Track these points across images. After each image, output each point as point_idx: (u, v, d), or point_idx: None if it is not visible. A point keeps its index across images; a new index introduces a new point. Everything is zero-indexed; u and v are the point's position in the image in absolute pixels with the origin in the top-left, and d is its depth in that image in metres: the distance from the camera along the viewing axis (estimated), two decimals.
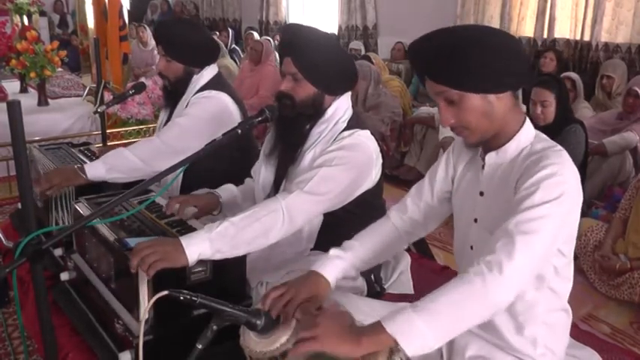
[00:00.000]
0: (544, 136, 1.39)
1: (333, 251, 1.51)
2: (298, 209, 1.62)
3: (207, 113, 2.27)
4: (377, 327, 1.14)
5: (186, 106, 2.34)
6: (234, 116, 2.35)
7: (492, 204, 1.37)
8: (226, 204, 1.96)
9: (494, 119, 1.32)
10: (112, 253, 1.57)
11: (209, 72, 2.39)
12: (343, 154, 1.71)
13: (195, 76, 2.37)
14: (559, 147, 1.33)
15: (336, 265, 1.48)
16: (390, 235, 1.60)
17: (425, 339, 1.12)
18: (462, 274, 1.19)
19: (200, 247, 1.46)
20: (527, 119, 1.38)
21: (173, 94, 2.41)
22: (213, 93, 2.33)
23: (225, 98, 2.35)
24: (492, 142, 1.36)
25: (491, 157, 1.38)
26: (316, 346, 1.14)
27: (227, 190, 2.01)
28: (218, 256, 1.50)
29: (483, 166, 1.40)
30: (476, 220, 1.43)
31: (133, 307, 1.48)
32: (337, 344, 1.14)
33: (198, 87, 2.35)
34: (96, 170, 2.10)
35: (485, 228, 1.38)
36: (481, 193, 1.41)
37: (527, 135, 1.36)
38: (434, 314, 1.13)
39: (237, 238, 1.52)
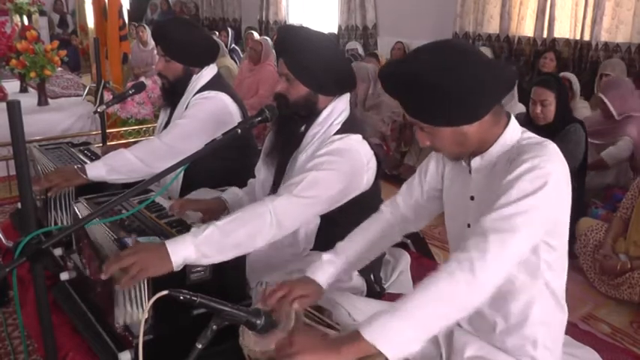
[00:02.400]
0: (531, 134, 1.36)
1: (325, 256, 1.53)
2: (287, 212, 1.61)
3: (207, 114, 2.27)
4: (355, 335, 1.14)
5: (187, 107, 2.34)
6: (234, 116, 2.35)
7: (484, 208, 1.36)
8: (233, 208, 1.96)
9: (471, 144, 1.32)
10: (98, 257, 1.55)
11: (208, 72, 2.39)
12: (332, 159, 1.71)
13: (194, 77, 2.37)
14: (547, 141, 1.30)
15: (327, 271, 1.51)
16: (383, 231, 1.61)
17: (401, 341, 1.12)
18: (434, 273, 1.18)
19: (185, 252, 1.44)
20: (512, 119, 1.35)
21: (172, 93, 2.41)
22: (213, 93, 2.33)
23: (224, 98, 2.35)
24: (475, 149, 1.35)
25: (476, 162, 1.37)
26: None
27: (233, 194, 2.02)
28: (205, 261, 1.48)
29: (470, 171, 1.39)
30: (469, 225, 1.42)
31: (109, 313, 1.46)
32: (316, 358, 1.13)
33: (197, 87, 2.35)
34: (96, 171, 2.11)
35: None
36: (472, 198, 1.41)
37: (512, 135, 1.33)
38: (409, 317, 1.13)
39: (223, 242, 1.50)
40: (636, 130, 3.73)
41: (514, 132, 1.34)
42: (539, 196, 1.19)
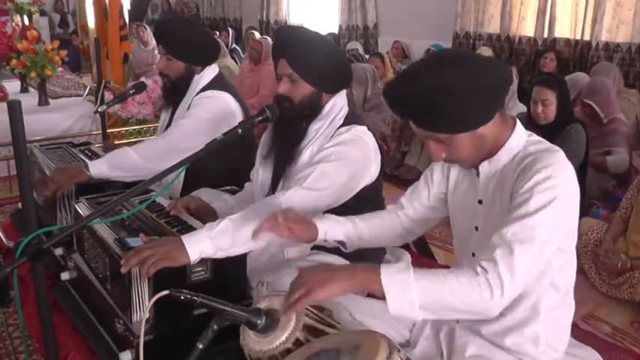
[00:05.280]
0: (537, 137, 1.38)
1: (332, 215, 1.56)
2: (298, 205, 1.62)
3: (209, 113, 2.27)
4: (374, 274, 1.18)
5: (189, 106, 2.34)
6: (237, 116, 2.35)
7: (492, 212, 1.37)
8: (222, 215, 1.96)
9: (487, 144, 1.33)
10: (107, 254, 1.57)
11: (210, 72, 2.39)
12: (341, 150, 1.72)
13: (196, 76, 2.37)
14: (554, 147, 1.32)
15: (332, 223, 1.53)
16: (391, 225, 1.63)
17: (410, 308, 1.16)
18: (470, 272, 1.19)
19: (201, 245, 1.46)
20: (518, 123, 1.37)
21: (173, 92, 2.41)
22: (216, 93, 2.33)
23: (227, 98, 2.35)
24: (488, 152, 1.36)
25: (484, 167, 1.38)
26: (309, 299, 1.18)
27: (223, 201, 2.01)
28: (220, 255, 1.50)
29: (478, 174, 1.40)
30: (477, 228, 1.43)
31: (126, 309, 1.48)
32: (329, 286, 1.17)
33: (199, 87, 2.35)
34: (99, 168, 2.11)
35: (487, 236, 1.37)
36: (480, 202, 1.41)
37: (519, 139, 1.35)
38: (430, 294, 1.16)
39: (237, 235, 1.52)
40: (623, 133, 3.76)
41: (521, 136, 1.35)
42: (556, 205, 1.22)
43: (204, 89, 2.35)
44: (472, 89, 1.22)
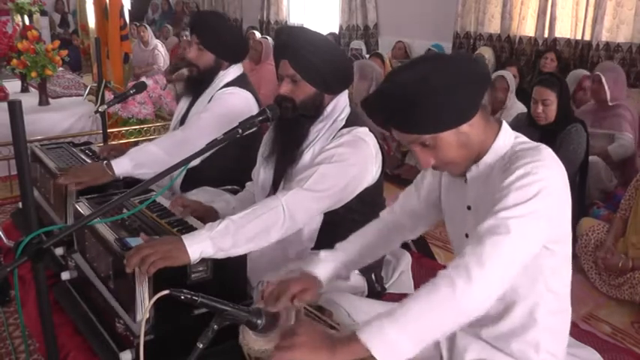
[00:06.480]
0: (525, 138, 1.36)
1: (323, 253, 1.54)
2: (298, 206, 1.62)
3: (230, 110, 2.28)
4: (352, 336, 1.13)
5: (210, 100, 2.35)
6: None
7: (479, 218, 1.34)
8: (224, 216, 1.96)
9: (473, 144, 1.30)
10: (110, 253, 1.57)
11: (235, 70, 2.41)
12: (342, 151, 1.72)
13: (221, 72, 2.39)
14: (541, 145, 1.30)
15: (326, 266, 1.51)
16: (381, 236, 1.62)
17: (396, 347, 1.09)
18: (432, 280, 1.16)
19: (202, 245, 1.46)
20: (504, 124, 1.35)
21: (198, 82, 2.41)
22: (237, 90, 2.35)
23: (248, 96, 2.38)
24: (477, 154, 1.34)
25: (472, 171, 1.36)
26: (292, 355, 1.13)
27: (225, 202, 2.01)
28: (220, 255, 1.50)
29: (466, 180, 1.38)
30: (467, 235, 1.41)
31: (130, 307, 1.48)
32: (312, 353, 1.12)
33: (223, 83, 2.37)
34: (123, 167, 2.11)
35: None
36: (468, 207, 1.40)
37: (505, 141, 1.32)
38: (404, 323, 1.11)
39: (237, 236, 1.52)
40: (627, 119, 3.78)
41: (507, 137, 1.33)
42: (535, 201, 1.18)
43: (227, 85, 2.36)
44: (451, 81, 1.22)
